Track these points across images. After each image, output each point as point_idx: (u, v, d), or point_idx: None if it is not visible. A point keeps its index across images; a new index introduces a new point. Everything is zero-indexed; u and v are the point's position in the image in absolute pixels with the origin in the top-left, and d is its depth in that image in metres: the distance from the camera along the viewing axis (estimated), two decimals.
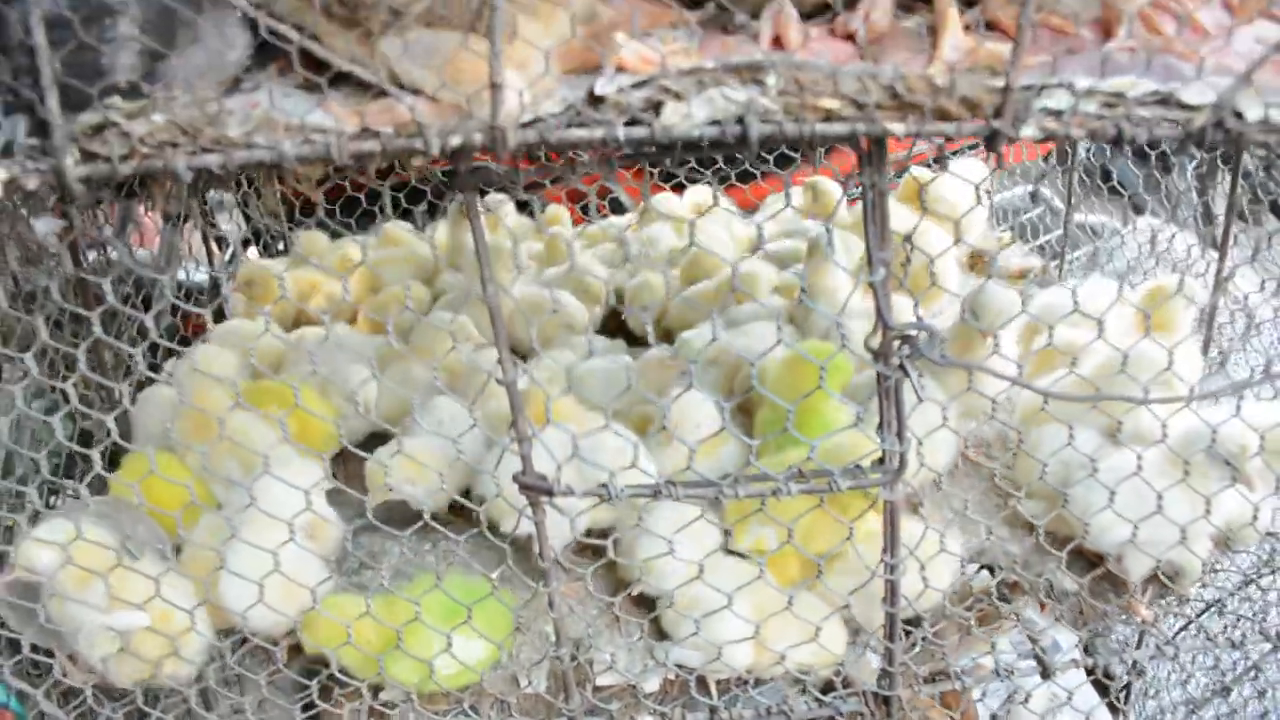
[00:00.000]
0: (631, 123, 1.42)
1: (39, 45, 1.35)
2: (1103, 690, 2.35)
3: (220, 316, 3.34)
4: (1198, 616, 2.33)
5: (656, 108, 1.43)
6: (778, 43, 1.58)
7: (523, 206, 3.98)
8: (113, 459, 2.34)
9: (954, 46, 1.58)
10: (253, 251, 3.86)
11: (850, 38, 1.57)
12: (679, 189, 3.89)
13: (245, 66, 1.57)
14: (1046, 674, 2.21)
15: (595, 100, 1.42)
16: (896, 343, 1.67)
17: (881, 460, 1.77)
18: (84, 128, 1.43)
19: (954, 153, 3.73)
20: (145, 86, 1.46)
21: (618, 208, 4.43)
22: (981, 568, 2.32)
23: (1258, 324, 2.14)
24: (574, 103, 1.41)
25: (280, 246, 4.01)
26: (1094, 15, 1.70)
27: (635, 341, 2.97)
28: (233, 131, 1.43)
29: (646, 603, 2.18)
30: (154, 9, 1.44)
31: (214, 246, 3.78)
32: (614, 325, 3.16)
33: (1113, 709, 2.38)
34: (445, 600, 1.95)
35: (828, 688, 2.17)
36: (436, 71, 1.40)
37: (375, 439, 2.35)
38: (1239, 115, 1.44)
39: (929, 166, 3.59)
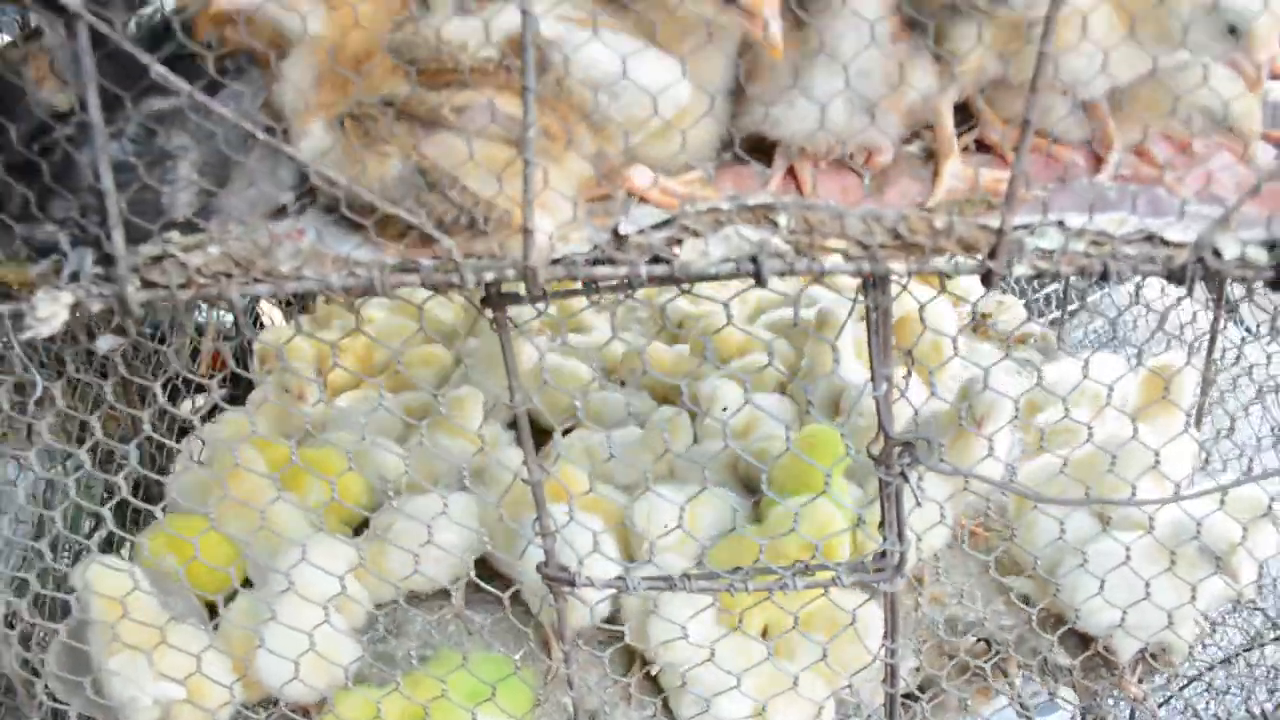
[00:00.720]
0: (653, 260, 1.53)
1: (107, 189, 1.46)
2: None
3: (240, 357, 3.45)
4: (1180, 690, 2.43)
5: (676, 243, 1.54)
6: (791, 172, 1.69)
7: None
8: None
9: (954, 175, 1.70)
10: (276, 315, 3.97)
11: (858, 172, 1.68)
12: None
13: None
14: None
15: (619, 239, 1.54)
16: (897, 451, 1.77)
17: (883, 555, 1.88)
18: (145, 259, 1.55)
19: None
20: (201, 223, 1.57)
21: None
22: (978, 641, 2.43)
23: (1250, 402, 2.24)
24: (600, 243, 1.53)
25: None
26: (1085, 136, 1.83)
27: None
28: (284, 267, 1.54)
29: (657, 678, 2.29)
30: (212, 152, 1.55)
31: None
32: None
33: None
34: (470, 677, 2.05)
35: None
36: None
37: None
38: (1217, 253, 1.55)
39: None
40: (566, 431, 2.81)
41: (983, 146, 1.82)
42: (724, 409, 2.69)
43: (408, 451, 2.74)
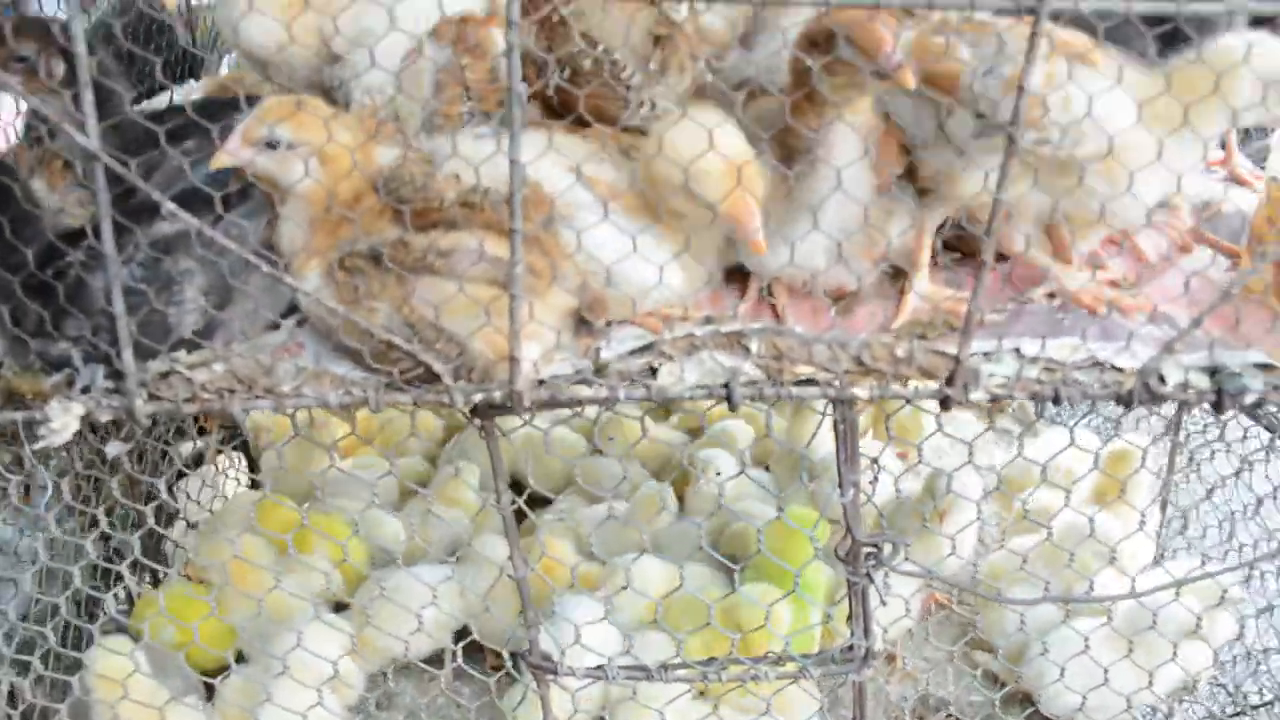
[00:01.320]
0: (632, 383, 1.63)
1: (119, 312, 1.55)
2: None
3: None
4: None
5: (653, 369, 1.64)
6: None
7: None
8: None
9: (919, 295, 1.80)
10: None
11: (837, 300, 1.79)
12: None
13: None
14: None
15: (600, 364, 1.63)
16: (864, 553, 1.87)
17: (851, 648, 1.97)
18: (153, 375, 1.65)
19: None
20: (205, 343, 1.67)
21: None
22: (948, 718, 2.52)
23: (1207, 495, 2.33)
24: (582, 368, 1.63)
25: None
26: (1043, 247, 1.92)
27: None
28: (285, 386, 1.64)
29: None
30: (216, 274, 1.65)
31: None
32: None
33: None
34: None
35: None
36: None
37: None
38: (1162, 379, 1.65)
39: None
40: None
41: (950, 246, 1.90)
42: (717, 473, 2.80)
43: (406, 518, 2.84)
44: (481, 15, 1.75)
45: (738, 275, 1.82)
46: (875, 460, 1.92)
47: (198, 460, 3.14)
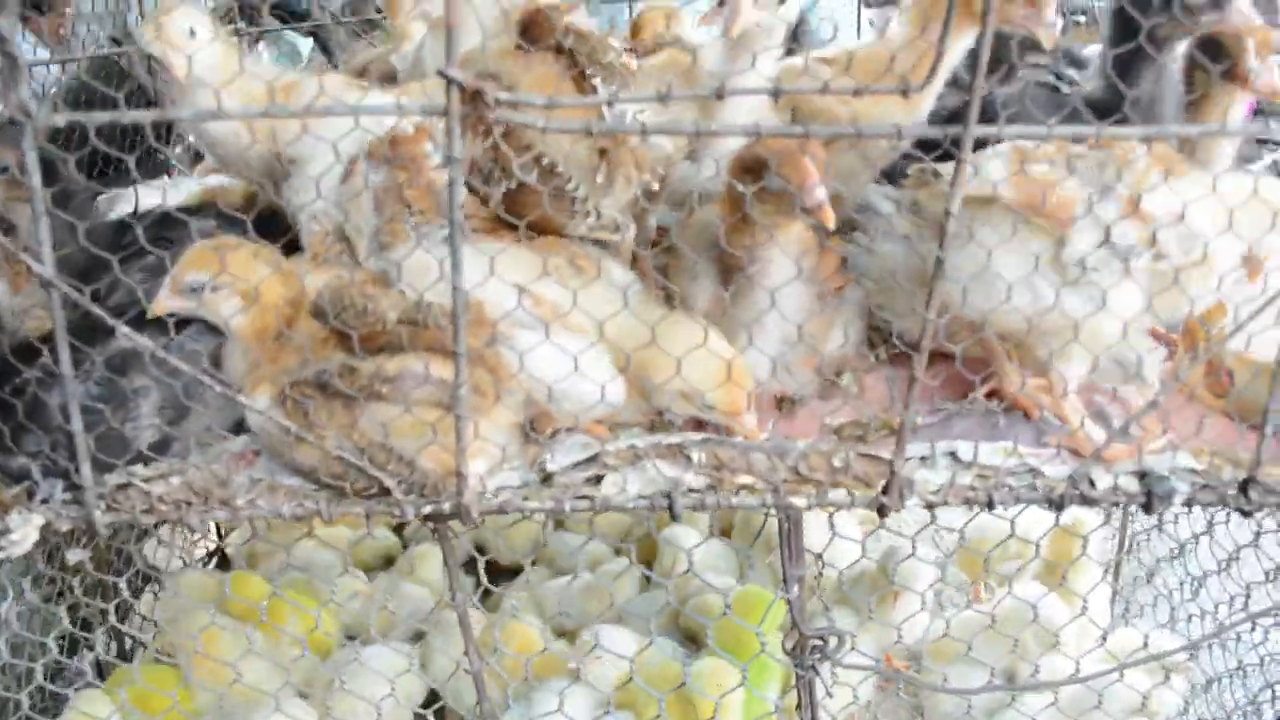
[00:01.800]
0: (577, 495, 1.68)
1: (76, 430, 1.59)
2: None
3: None
4: None
5: (598, 479, 1.69)
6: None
7: None
8: None
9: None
10: None
11: (779, 403, 1.84)
12: None
13: None
14: None
15: (546, 475, 1.68)
16: (810, 646, 1.92)
17: None
18: (111, 487, 1.69)
19: None
20: (157, 458, 1.71)
21: None
22: None
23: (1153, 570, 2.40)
24: (528, 480, 1.67)
25: None
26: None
27: None
28: (240, 499, 1.68)
29: None
30: (171, 391, 1.69)
31: None
32: None
33: None
34: None
35: None
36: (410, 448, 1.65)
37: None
38: (1092, 483, 1.71)
39: None
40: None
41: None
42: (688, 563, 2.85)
43: (372, 591, 2.88)
44: (411, 132, 1.80)
45: None
46: (820, 555, 1.97)
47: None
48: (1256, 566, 2.23)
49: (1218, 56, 1.75)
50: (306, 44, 3.87)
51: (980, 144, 1.51)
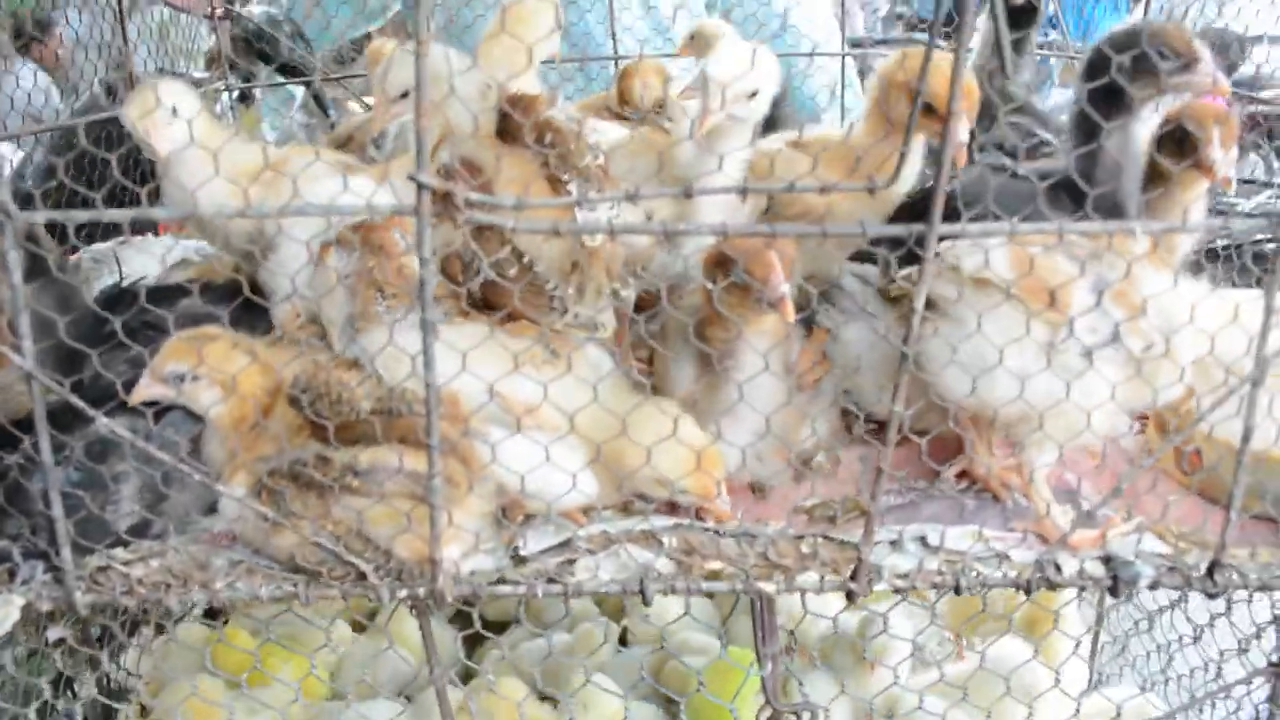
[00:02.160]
0: (550, 580, 1.70)
1: (57, 516, 1.62)
2: None
3: None
4: None
5: (570, 563, 1.72)
6: None
7: None
8: None
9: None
10: None
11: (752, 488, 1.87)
12: None
13: None
14: None
15: (519, 559, 1.71)
16: None
17: None
18: (91, 569, 1.72)
19: None
20: (135, 541, 1.74)
21: None
22: None
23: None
24: (501, 567, 1.70)
25: None
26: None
27: None
28: (218, 583, 1.71)
29: None
30: (151, 476, 1.72)
31: None
32: None
33: None
34: None
35: None
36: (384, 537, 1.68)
37: None
38: (1059, 568, 1.73)
39: None
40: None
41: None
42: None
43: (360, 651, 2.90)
44: (380, 220, 1.82)
45: None
46: (792, 632, 1.99)
47: None
48: (1228, 632, 2.25)
49: (1183, 146, 1.78)
50: (299, 88, 3.89)
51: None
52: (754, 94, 1.82)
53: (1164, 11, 7.80)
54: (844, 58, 3.38)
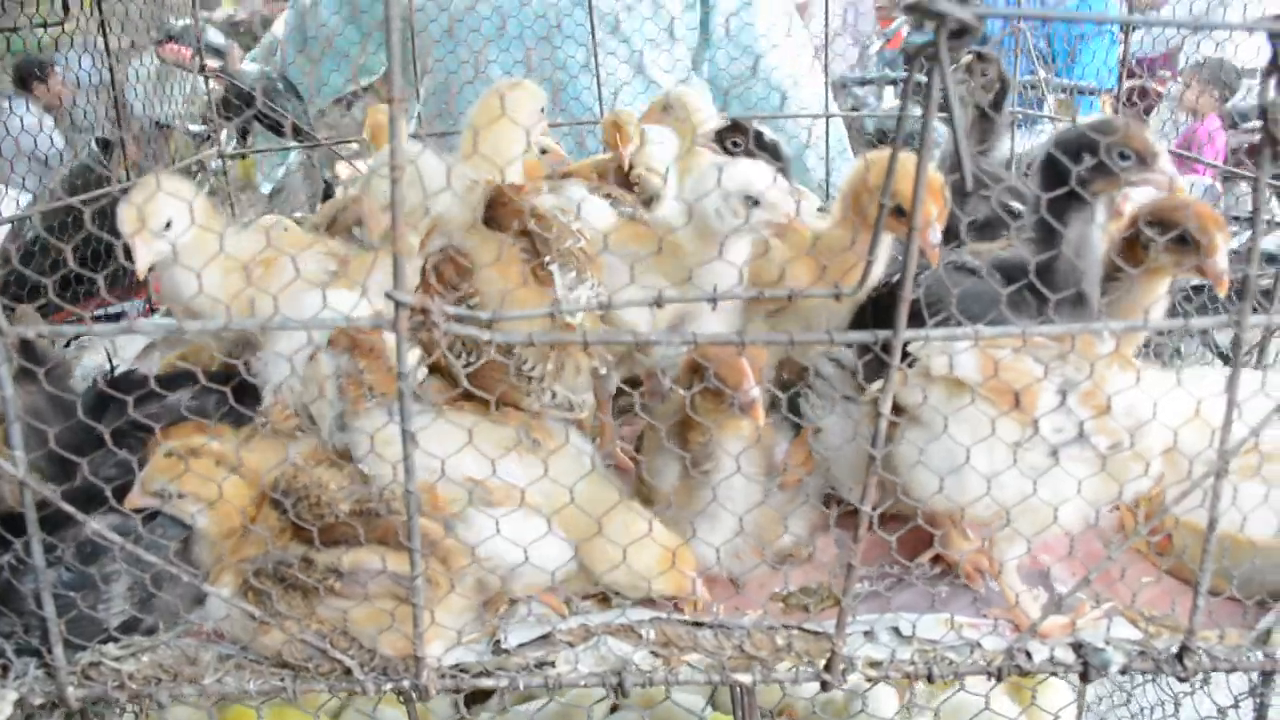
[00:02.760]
0: (530, 671, 1.74)
1: (49, 617, 1.66)
2: None
3: None
4: None
5: (551, 660, 1.75)
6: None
7: None
8: None
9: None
10: None
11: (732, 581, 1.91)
12: None
13: None
14: None
15: (501, 651, 1.75)
16: None
17: None
18: (82, 665, 1.76)
19: None
20: (124, 638, 1.78)
21: None
22: None
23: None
24: (484, 660, 1.74)
25: None
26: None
27: None
28: (207, 678, 1.75)
29: None
30: (141, 576, 1.76)
31: None
32: None
33: None
34: None
35: None
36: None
37: None
38: (1029, 655, 1.76)
39: None
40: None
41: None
42: None
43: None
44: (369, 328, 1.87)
45: None
46: (784, 694, 2.03)
47: None
48: (1208, 701, 2.29)
49: (1182, 241, 1.79)
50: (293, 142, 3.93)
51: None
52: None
53: (1153, 41, 7.86)
54: (827, 119, 3.41)
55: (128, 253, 1.93)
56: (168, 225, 1.92)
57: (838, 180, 3.01)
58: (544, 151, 2.39)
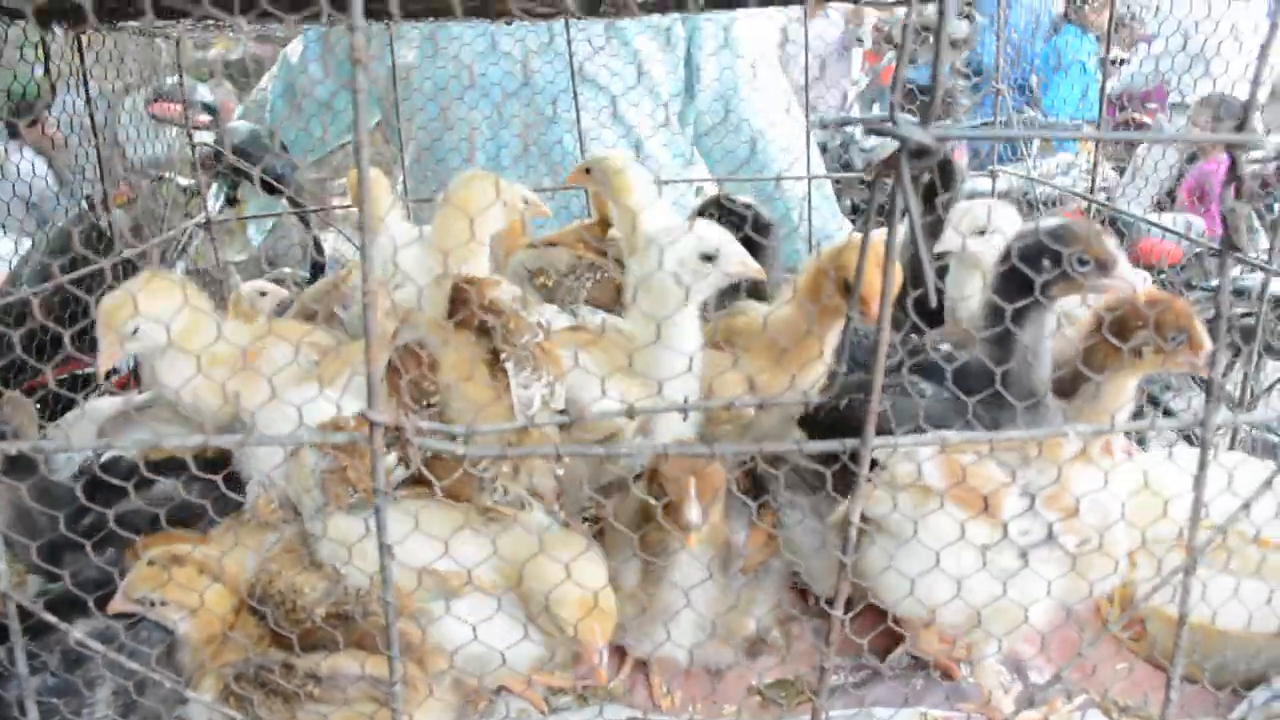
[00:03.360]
0: None
1: None
2: None
3: None
4: None
5: None
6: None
7: None
8: None
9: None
10: None
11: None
12: None
13: None
14: None
15: None
16: None
17: None
18: None
19: None
20: None
21: None
22: None
23: None
24: None
25: None
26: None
27: None
28: None
29: None
30: (123, 684, 1.78)
31: None
32: None
33: None
34: None
35: None
36: None
37: None
38: None
39: None
40: None
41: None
42: None
43: None
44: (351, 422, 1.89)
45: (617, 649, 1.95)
46: None
47: None
48: None
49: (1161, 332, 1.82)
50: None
51: None
52: None
53: (1145, 78, 7.89)
54: (809, 180, 3.42)
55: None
56: (135, 332, 1.94)
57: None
58: (526, 202, 2.35)
